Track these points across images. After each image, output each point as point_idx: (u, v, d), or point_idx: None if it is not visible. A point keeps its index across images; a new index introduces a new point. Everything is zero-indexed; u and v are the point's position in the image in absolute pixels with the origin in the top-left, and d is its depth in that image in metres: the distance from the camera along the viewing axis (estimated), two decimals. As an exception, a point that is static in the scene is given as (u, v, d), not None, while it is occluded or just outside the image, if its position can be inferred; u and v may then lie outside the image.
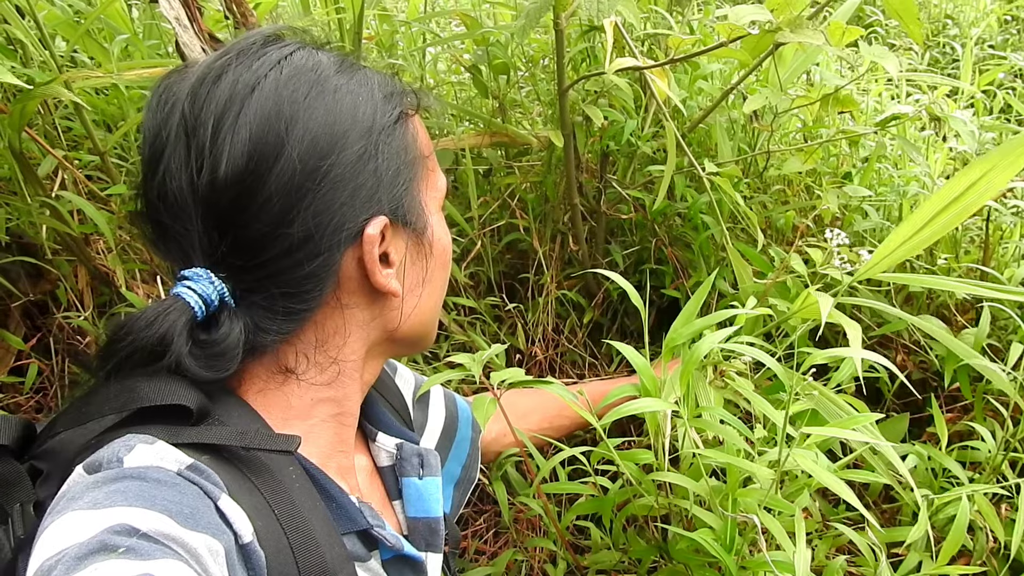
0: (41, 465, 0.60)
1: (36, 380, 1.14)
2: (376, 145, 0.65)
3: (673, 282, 1.35)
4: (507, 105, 1.41)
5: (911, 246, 0.93)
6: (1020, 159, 0.88)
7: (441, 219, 0.75)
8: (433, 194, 0.74)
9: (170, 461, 0.55)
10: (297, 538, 0.60)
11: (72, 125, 1.22)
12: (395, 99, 0.69)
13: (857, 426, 0.79)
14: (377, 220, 0.65)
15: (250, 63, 0.63)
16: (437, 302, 0.77)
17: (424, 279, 0.73)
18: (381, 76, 0.70)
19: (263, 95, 0.61)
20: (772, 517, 0.75)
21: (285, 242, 0.62)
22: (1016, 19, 2.27)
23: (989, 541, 0.93)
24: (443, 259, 0.76)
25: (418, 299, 0.73)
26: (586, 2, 1.00)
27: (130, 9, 1.51)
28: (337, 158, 0.62)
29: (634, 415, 0.83)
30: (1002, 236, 1.22)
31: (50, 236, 1.12)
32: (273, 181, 0.60)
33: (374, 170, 0.65)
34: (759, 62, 1.14)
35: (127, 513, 0.49)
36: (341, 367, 0.70)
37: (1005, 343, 1.04)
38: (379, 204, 0.66)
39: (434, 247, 0.74)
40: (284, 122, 0.61)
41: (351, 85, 0.66)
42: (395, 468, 0.80)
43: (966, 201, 0.89)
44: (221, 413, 0.63)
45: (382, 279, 0.67)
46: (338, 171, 0.63)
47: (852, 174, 1.34)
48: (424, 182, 0.72)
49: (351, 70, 0.68)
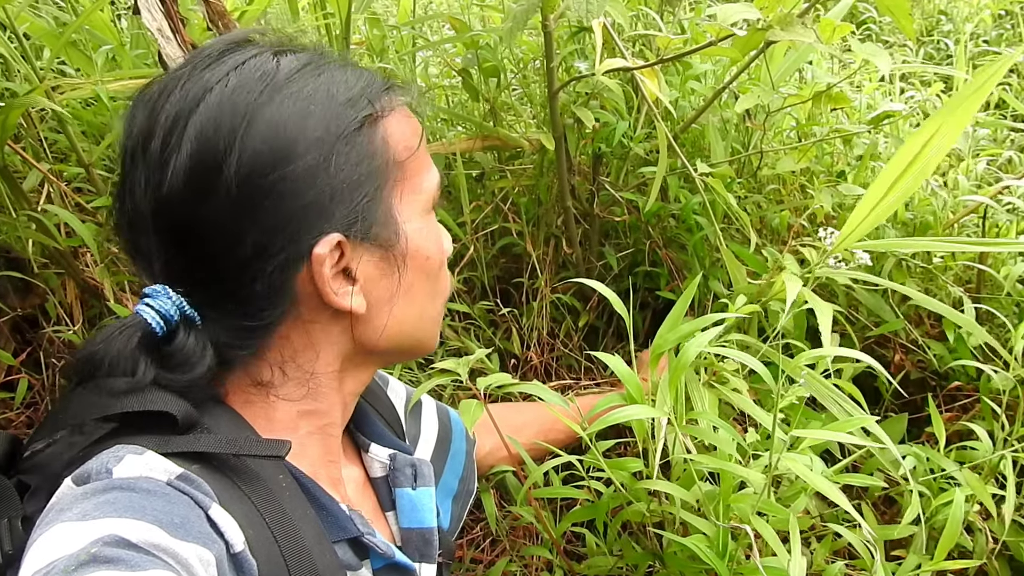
0: (28, 480, 0.60)
1: (26, 395, 1.13)
2: (328, 157, 0.61)
3: (668, 284, 1.34)
4: (498, 108, 1.41)
5: (878, 213, 0.93)
6: (965, 113, 0.90)
7: (426, 223, 0.71)
8: (413, 198, 0.69)
9: (159, 471, 0.55)
10: (289, 546, 0.60)
11: (58, 138, 1.21)
12: (361, 102, 0.64)
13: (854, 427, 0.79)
14: (328, 238, 0.62)
15: (202, 74, 0.61)
16: (422, 312, 0.73)
17: (399, 291, 0.69)
18: (351, 76, 0.65)
19: (208, 108, 0.60)
20: (765, 523, 0.74)
21: (236, 259, 0.61)
22: (1011, 14, 2.26)
23: (989, 542, 0.92)
24: (425, 268, 0.71)
25: (395, 311, 0.70)
26: (574, 3, 0.99)
27: (118, 19, 1.50)
28: (281, 173, 0.59)
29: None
30: (998, 234, 1.21)
31: (37, 250, 1.12)
32: (216, 199, 0.59)
33: (325, 184, 0.61)
34: (750, 61, 1.13)
35: (117, 524, 0.49)
36: (319, 380, 0.68)
37: (1002, 341, 1.02)
38: (331, 220, 0.62)
39: (410, 257, 0.69)
40: (224, 138, 0.59)
41: (305, 91, 0.62)
42: (388, 479, 0.79)
43: (922, 162, 0.90)
44: (210, 422, 0.62)
45: (336, 298, 0.64)
46: (283, 187, 0.59)
47: (846, 173, 1.33)
48: (399, 188, 0.67)
49: (311, 73, 0.63)
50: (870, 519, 0.96)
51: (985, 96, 0.90)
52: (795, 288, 0.86)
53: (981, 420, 1.03)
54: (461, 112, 1.48)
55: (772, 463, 0.74)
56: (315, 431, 0.70)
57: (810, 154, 1.31)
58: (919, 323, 1.19)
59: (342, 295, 0.64)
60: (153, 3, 1.01)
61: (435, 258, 0.72)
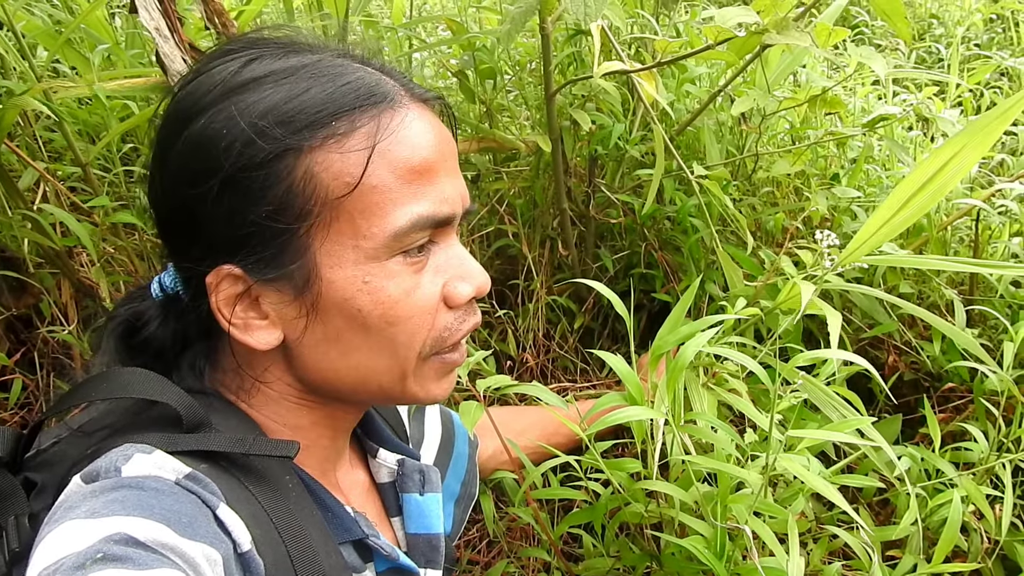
0: (35, 477, 0.60)
1: (21, 395, 1.13)
2: (227, 185, 0.58)
3: (664, 286, 1.35)
4: (495, 110, 1.41)
5: (889, 230, 0.93)
6: (990, 137, 0.88)
7: (374, 272, 0.61)
8: (351, 243, 0.60)
9: (168, 470, 0.55)
10: (296, 547, 0.60)
11: (54, 137, 1.20)
12: (295, 128, 0.58)
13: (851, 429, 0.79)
14: (220, 269, 0.60)
15: (184, 82, 0.64)
16: (366, 363, 0.64)
17: (322, 337, 0.63)
18: (313, 92, 0.59)
19: (163, 120, 0.63)
20: (762, 523, 0.75)
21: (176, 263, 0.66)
22: (1001, 18, 2.28)
23: (984, 542, 0.92)
24: (360, 319, 0.62)
25: (326, 356, 0.64)
26: (572, 6, 0.99)
27: (112, 18, 1.50)
28: (192, 192, 0.59)
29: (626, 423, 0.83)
30: (991, 236, 1.22)
31: (32, 249, 1.11)
32: (154, 206, 0.65)
33: (227, 212, 0.59)
34: (746, 64, 1.14)
35: (125, 522, 0.49)
36: (284, 402, 0.67)
37: (996, 343, 1.03)
38: (228, 249, 0.60)
39: (329, 307, 0.62)
40: (159, 151, 0.63)
41: (234, 109, 0.58)
42: (396, 484, 0.79)
43: (940, 181, 0.89)
44: (218, 421, 0.63)
45: (226, 324, 0.62)
46: (192, 206, 0.60)
47: (840, 175, 1.34)
48: (324, 230, 0.60)
49: (269, 86, 0.59)
50: (866, 520, 0.96)
51: (1009, 122, 0.88)
52: (809, 295, 0.86)
53: (975, 421, 1.03)
54: (457, 114, 1.48)
55: (769, 463, 0.75)
56: (306, 445, 0.68)
57: (805, 157, 1.32)
58: (913, 325, 1.19)
59: (247, 327, 0.62)
60: (151, 2, 1.01)
61: (375, 311, 0.62)
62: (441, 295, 0.65)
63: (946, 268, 1.00)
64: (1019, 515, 0.97)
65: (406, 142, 0.61)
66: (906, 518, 0.85)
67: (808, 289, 0.88)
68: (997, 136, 0.91)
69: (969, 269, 0.96)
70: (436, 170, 0.63)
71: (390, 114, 0.61)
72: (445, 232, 0.66)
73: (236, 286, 0.61)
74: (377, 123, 0.60)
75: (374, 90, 0.61)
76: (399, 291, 0.62)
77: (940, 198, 0.94)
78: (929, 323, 1.00)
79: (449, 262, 0.66)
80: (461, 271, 0.66)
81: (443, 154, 0.64)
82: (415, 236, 0.61)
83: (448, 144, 0.65)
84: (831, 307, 0.90)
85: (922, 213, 0.94)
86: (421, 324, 0.64)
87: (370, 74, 0.63)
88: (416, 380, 0.67)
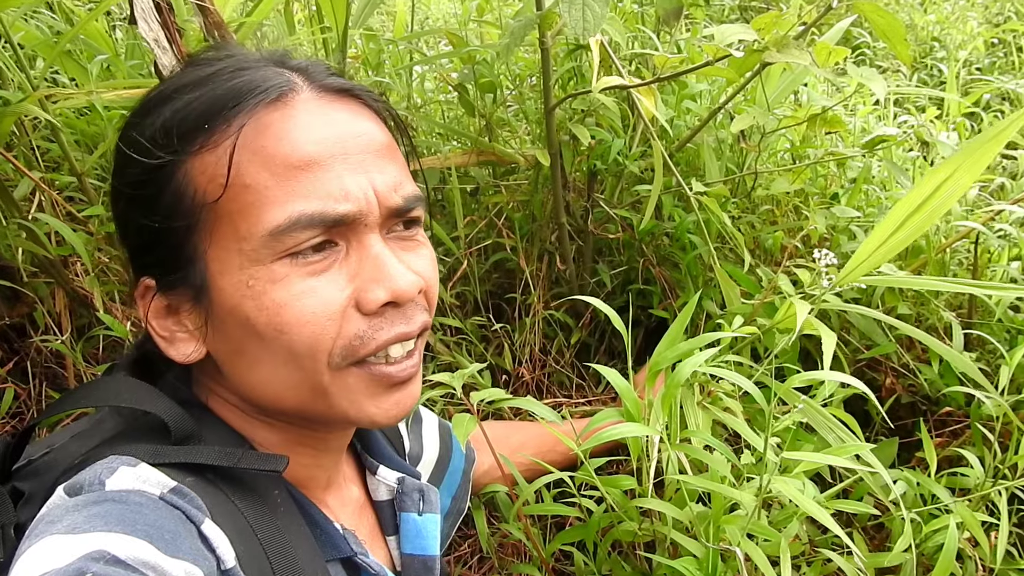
0: (23, 486, 0.60)
1: (12, 405, 1.12)
2: (132, 199, 0.62)
3: (661, 302, 1.34)
4: (494, 124, 1.41)
5: (886, 250, 0.93)
6: (984, 158, 0.89)
7: (260, 276, 0.58)
8: (233, 246, 0.58)
9: (152, 484, 0.54)
10: (280, 563, 0.59)
11: (50, 147, 1.20)
12: (177, 135, 0.59)
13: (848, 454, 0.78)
14: (141, 281, 0.63)
15: None
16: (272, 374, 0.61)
17: (228, 348, 0.62)
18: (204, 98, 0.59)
19: None
20: (755, 546, 0.74)
21: None
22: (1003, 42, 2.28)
23: (979, 569, 0.91)
24: (250, 327, 0.59)
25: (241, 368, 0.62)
26: (571, 20, 0.99)
27: (113, 30, 1.50)
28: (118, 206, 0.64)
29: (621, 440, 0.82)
30: (990, 260, 1.21)
31: (27, 258, 1.11)
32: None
33: (135, 226, 0.62)
34: (746, 82, 1.14)
35: (106, 539, 0.48)
36: (249, 420, 0.66)
37: (994, 367, 1.02)
38: (143, 263, 0.64)
39: (224, 314, 0.60)
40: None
41: (141, 123, 0.62)
42: (394, 502, 0.78)
43: (935, 202, 0.89)
44: (207, 434, 0.62)
45: (157, 339, 0.63)
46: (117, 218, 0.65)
47: (840, 195, 1.33)
48: (211, 233, 0.59)
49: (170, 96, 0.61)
50: (860, 545, 0.95)
51: (1003, 144, 0.89)
52: (805, 314, 0.86)
53: (972, 446, 1.02)
54: (457, 127, 1.49)
55: (763, 485, 0.74)
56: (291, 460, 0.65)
57: (804, 176, 1.31)
58: (911, 347, 1.19)
59: (172, 339, 0.63)
60: (150, 13, 1.01)
61: (261, 317, 0.58)
62: (352, 299, 0.60)
63: (943, 289, 1.00)
64: (1015, 543, 0.96)
65: (286, 136, 0.58)
66: (899, 544, 0.84)
67: (804, 309, 0.88)
68: (991, 157, 0.91)
69: (966, 289, 0.95)
70: (327, 165, 0.58)
71: (270, 109, 0.59)
72: (354, 231, 0.60)
73: (157, 298, 0.63)
74: (252, 120, 0.58)
75: (258, 87, 0.59)
76: (286, 295, 0.58)
77: (936, 219, 0.94)
78: (927, 345, 0.99)
79: (362, 264, 0.60)
80: (375, 274, 0.60)
81: (344, 148, 0.59)
82: (300, 236, 0.57)
83: (357, 137, 0.61)
84: (827, 327, 0.90)
85: (918, 234, 0.94)
86: (322, 331, 0.59)
87: (270, 73, 0.61)
88: (340, 396, 0.61)
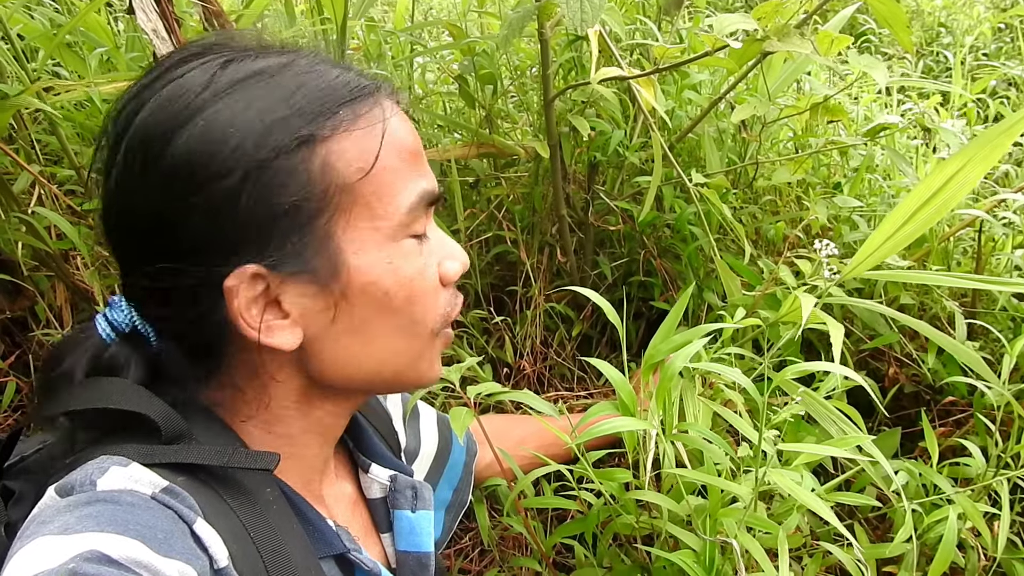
0: (14, 485, 0.60)
1: (14, 398, 1.12)
2: (241, 185, 0.56)
3: (662, 294, 1.34)
4: (494, 116, 1.40)
5: (893, 244, 0.92)
6: (996, 151, 0.87)
7: (393, 252, 0.63)
8: (370, 226, 0.61)
9: (144, 484, 0.54)
10: (273, 561, 0.59)
11: (50, 140, 1.21)
12: (295, 122, 0.58)
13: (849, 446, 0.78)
14: (240, 270, 0.58)
15: (148, 87, 0.60)
16: (388, 346, 0.66)
17: (346, 328, 0.63)
18: (309, 87, 0.60)
19: (139, 127, 0.58)
20: (752, 537, 0.73)
21: (166, 283, 0.59)
22: (1010, 27, 2.26)
23: (981, 559, 0.91)
24: (385, 302, 0.63)
25: (347, 348, 0.64)
26: (569, 11, 0.98)
27: (115, 22, 1.50)
28: (191, 202, 0.56)
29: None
30: (994, 248, 1.20)
31: (27, 252, 1.11)
32: (139, 221, 0.59)
33: (245, 212, 0.57)
34: (747, 72, 1.13)
35: (98, 539, 0.48)
36: (276, 410, 0.66)
37: (997, 356, 1.02)
38: (248, 250, 0.58)
39: (357, 293, 0.62)
40: (142, 160, 0.57)
41: (235, 108, 0.57)
42: (387, 500, 0.78)
43: (945, 196, 0.88)
44: (198, 433, 0.62)
45: (253, 332, 0.59)
46: (199, 212, 0.56)
47: (842, 185, 1.32)
48: (344, 216, 0.60)
49: (256, 85, 0.59)
50: (862, 537, 0.95)
51: (1016, 135, 0.87)
52: (809, 304, 0.85)
53: (975, 436, 1.02)
54: (457, 119, 1.48)
55: (758, 476, 0.74)
56: (291, 454, 0.67)
57: (806, 166, 1.31)
58: (914, 336, 1.18)
59: (268, 329, 0.60)
60: (148, 3, 1.01)
61: (400, 292, 0.63)
62: (438, 273, 0.68)
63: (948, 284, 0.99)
64: (1017, 532, 0.95)
65: (400, 128, 0.64)
66: (901, 534, 0.84)
67: (809, 303, 0.87)
68: (1004, 150, 0.90)
69: (972, 285, 0.94)
70: (421, 151, 0.67)
71: (381, 103, 0.63)
72: (430, 213, 0.68)
73: (256, 287, 0.59)
74: (378, 110, 0.63)
75: (360, 82, 0.63)
76: (414, 270, 0.64)
77: (946, 212, 0.92)
78: (929, 337, 0.98)
79: (436, 243, 0.68)
80: (448, 251, 0.69)
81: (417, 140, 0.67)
82: (421, 213, 0.65)
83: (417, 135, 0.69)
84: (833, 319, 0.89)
85: (927, 227, 0.93)
86: (432, 302, 0.67)
87: (344, 69, 0.64)
88: (428, 360, 0.69)
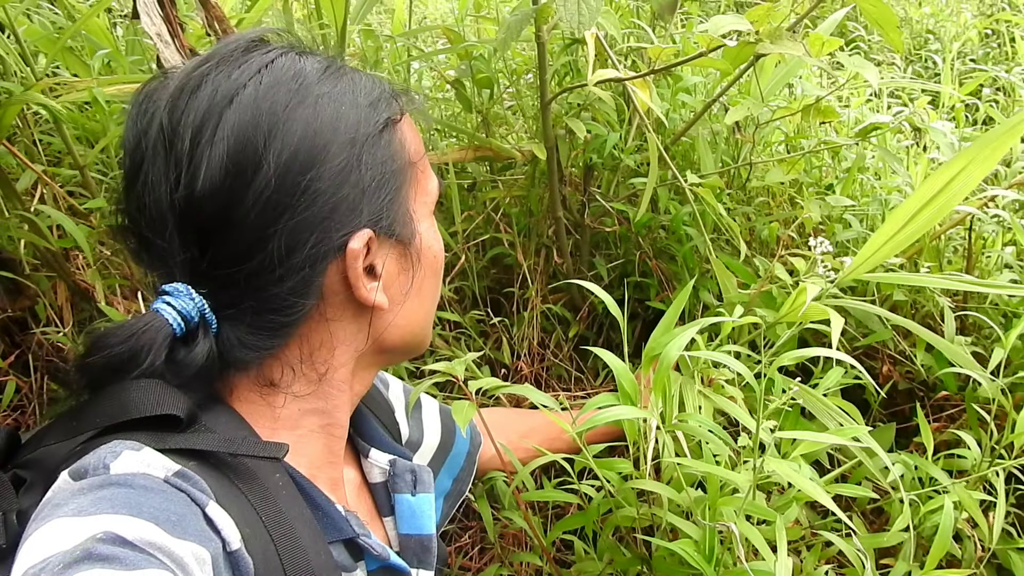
0: (24, 474, 0.59)
1: (14, 398, 1.13)
2: (359, 156, 0.63)
3: (658, 295, 1.35)
4: (491, 119, 1.42)
5: (893, 245, 0.93)
6: (995, 155, 0.89)
7: (432, 225, 0.73)
8: (423, 199, 0.72)
9: (157, 468, 0.54)
10: (284, 545, 0.60)
11: (52, 140, 1.21)
12: (381, 105, 0.67)
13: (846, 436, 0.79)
14: (360, 234, 0.63)
15: (230, 71, 0.61)
16: (429, 310, 0.76)
17: (412, 288, 0.71)
18: (368, 81, 0.68)
19: (242, 107, 0.59)
20: (751, 526, 0.74)
21: (265, 258, 0.60)
22: (996, 33, 2.29)
23: (977, 549, 0.92)
24: (433, 267, 0.74)
25: (407, 308, 0.71)
26: (567, 15, 1.00)
27: (114, 27, 1.51)
28: (317, 172, 0.60)
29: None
30: (984, 245, 1.22)
31: (29, 251, 1.11)
32: (251, 197, 0.59)
33: (356, 182, 0.63)
34: (740, 74, 1.15)
35: (113, 521, 0.48)
36: (330, 379, 0.69)
37: (990, 350, 1.03)
38: (362, 217, 0.64)
39: (423, 256, 0.71)
40: (262, 135, 0.59)
41: (334, 93, 0.63)
42: (388, 484, 0.79)
43: (944, 198, 0.89)
44: (209, 420, 0.62)
45: (366, 293, 0.65)
46: (318, 185, 0.60)
47: (834, 185, 1.34)
48: (413, 189, 0.70)
49: (335, 76, 0.65)
50: (860, 529, 0.96)
51: (1015, 139, 0.89)
52: (814, 294, 0.86)
53: (969, 429, 1.03)
54: (454, 123, 1.50)
55: (756, 465, 0.74)
56: (317, 430, 0.70)
57: (799, 166, 1.32)
58: (907, 334, 1.19)
59: (372, 289, 0.66)
60: (152, 8, 1.02)
61: (440, 257, 0.75)
62: None
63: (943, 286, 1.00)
64: (1012, 522, 0.96)
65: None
66: (897, 524, 0.85)
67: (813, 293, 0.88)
68: (1004, 153, 0.91)
69: (967, 287, 0.96)
70: None
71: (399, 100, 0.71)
72: None
73: (365, 251, 0.65)
74: (410, 104, 0.71)
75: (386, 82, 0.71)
76: (441, 242, 0.75)
77: (945, 214, 0.94)
78: (919, 335, 1.00)
79: None
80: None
81: None
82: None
83: None
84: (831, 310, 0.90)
85: (926, 229, 0.94)
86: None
87: None
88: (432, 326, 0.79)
